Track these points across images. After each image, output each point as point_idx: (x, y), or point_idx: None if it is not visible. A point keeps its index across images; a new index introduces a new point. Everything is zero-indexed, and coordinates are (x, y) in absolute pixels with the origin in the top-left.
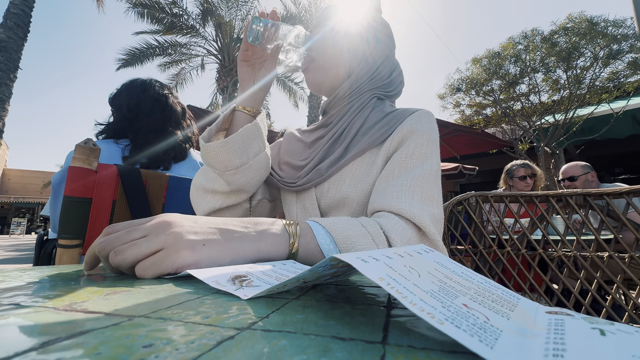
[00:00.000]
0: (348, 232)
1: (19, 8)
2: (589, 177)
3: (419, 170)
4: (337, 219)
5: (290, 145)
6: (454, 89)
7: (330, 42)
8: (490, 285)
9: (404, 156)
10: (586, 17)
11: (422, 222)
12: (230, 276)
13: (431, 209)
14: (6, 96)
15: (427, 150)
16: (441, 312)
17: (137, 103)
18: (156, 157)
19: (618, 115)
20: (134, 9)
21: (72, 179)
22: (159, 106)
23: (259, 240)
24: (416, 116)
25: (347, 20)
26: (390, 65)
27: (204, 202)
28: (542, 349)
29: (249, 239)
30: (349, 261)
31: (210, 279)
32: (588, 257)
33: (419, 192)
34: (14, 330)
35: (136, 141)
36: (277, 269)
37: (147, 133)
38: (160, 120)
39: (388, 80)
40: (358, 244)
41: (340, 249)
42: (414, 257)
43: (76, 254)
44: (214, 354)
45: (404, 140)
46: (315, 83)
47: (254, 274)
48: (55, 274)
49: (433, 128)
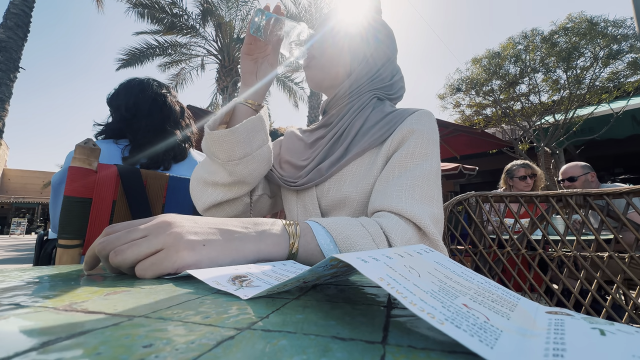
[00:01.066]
0: (348, 232)
1: (19, 8)
2: (589, 178)
3: (419, 170)
4: (337, 219)
5: (292, 144)
6: (454, 89)
7: (331, 41)
8: (490, 286)
9: (404, 156)
10: (586, 17)
11: (422, 222)
12: (230, 276)
13: (431, 208)
14: (6, 96)
15: (427, 150)
16: (441, 312)
17: (135, 103)
18: (156, 157)
19: (618, 116)
20: (134, 9)
21: (72, 179)
22: (157, 106)
23: (259, 241)
24: (416, 116)
25: (349, 21)
26: (391, 68)
27: (204, 195)
28: (542, 348)
29: (249, 240)
30: (349, 261)
31: (210, 280)
32: (588, 257)
33: (419, 191)
34: (14, 330)
35: (135, 141)
36: (277, 269)
37: (146, 133)
38: (159, 120)
39: (389, 82)
40: (358, 244)
41: (340, 249)
42: (414, 257)
43: (76, 254)
44: (214, 354)
45: (404, 140)
46: (315, 80)
47: (254, 274)
48: (55, 274)
49: (433, 128)
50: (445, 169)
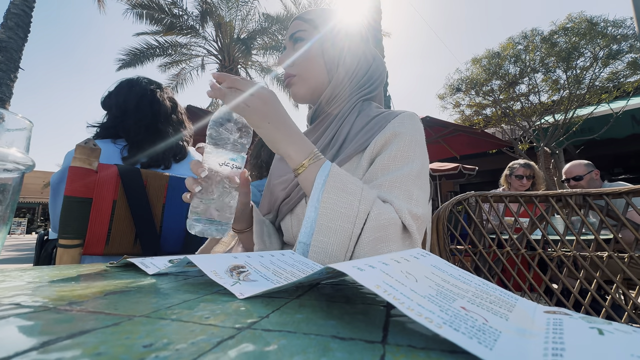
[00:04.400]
0: (345, 179)
1: (19, 8)
2: (593, 175)
3: (399, 172)
4: (348, 174)
5: (279, 164)
6: (453, 89)
7: (304, 55)
8: (488, 287)
9: (387, 159)
10: (586, 17)
11: (400, 213)
12: (228, 266)
13: (409, 205)
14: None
15: (409, 153)
16: (439, 316)
17: (124, 100)
18: (156, 155)
19: (618, 115)
20: (132, 10)
21: (72, 179)
22: (146, 101)
23: (294, 143)
24: (399, 119)
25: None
26: (364, 61)
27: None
28: (542, 348)
29: (293, 139)
30: (344, 270)
31: (208, 269)
32: (587, 257)
33: (397, 191)
34: (14, 330)
35: (130, 139)
36: (275, 260)
37: (137, 129)
38: (150, 116)
39: (365, 77)
40: (347, 189)
41: (326, 187)
42: (411, 262)
43: (76, 254)
44: (214, 354)
45: (387, 143)
46: (299, 95)
47: (252, 265)
48: (55, 274)
49: (417, 129)
50: (445, 168)
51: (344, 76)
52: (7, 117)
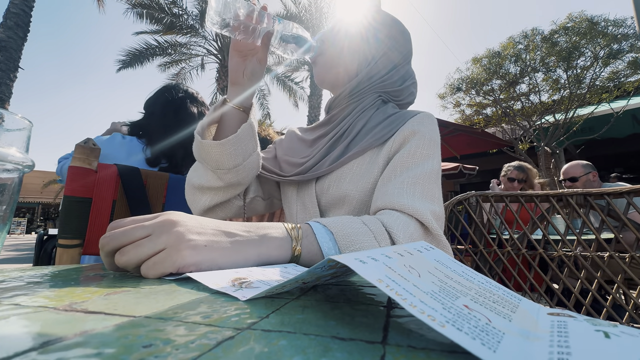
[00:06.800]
0: (348, 230)
1: (19, 8)
2: (590, 177)
3: (420, 169)
4: (339, 217)
5: (292, 143)
6: (454, 89)
7: (335, 42)
8: (491, 285)
9: (406, 156)
10: (586, 17)
11: (424, 217)
12: (230, 279)
13: (432, 205)
14: (6, 96)
15: (428, 151)
16: (442, 315)
17: (153, 104)
18: (175, 161)
19: (618, 115)
20: (133, 10)
21: (72, 179)
22: (171, 108)
23: (261, 244)
24: (418, 118)
25: (359, 23)
26: (403, 72)
27: (196, 200)
28: (547, 352)
29: (252, 243)
30: (346, 262)
31: (210, 282)
32: (588, 257)
33: (419, 189)
34: (14, 330)
35: (150, 140)
36: (278, 272)
37: (158, 133)
38: (174, 122)
39: (399, 87)
40: (359, 242)
41: (340, 247)
42: (414, 255)
43: (76, 254)
44: (214, 354)
45: (406, 141)
46: (319, 77)
47: (254, 276)
48: (55, 274)
49: (434, 130)
50: (445, 168)
51: (372, 75)
52: (7, 117)
